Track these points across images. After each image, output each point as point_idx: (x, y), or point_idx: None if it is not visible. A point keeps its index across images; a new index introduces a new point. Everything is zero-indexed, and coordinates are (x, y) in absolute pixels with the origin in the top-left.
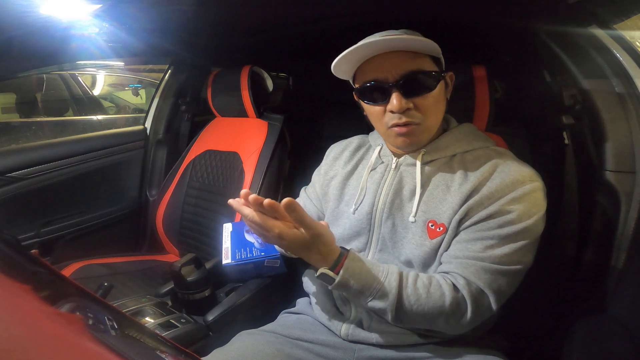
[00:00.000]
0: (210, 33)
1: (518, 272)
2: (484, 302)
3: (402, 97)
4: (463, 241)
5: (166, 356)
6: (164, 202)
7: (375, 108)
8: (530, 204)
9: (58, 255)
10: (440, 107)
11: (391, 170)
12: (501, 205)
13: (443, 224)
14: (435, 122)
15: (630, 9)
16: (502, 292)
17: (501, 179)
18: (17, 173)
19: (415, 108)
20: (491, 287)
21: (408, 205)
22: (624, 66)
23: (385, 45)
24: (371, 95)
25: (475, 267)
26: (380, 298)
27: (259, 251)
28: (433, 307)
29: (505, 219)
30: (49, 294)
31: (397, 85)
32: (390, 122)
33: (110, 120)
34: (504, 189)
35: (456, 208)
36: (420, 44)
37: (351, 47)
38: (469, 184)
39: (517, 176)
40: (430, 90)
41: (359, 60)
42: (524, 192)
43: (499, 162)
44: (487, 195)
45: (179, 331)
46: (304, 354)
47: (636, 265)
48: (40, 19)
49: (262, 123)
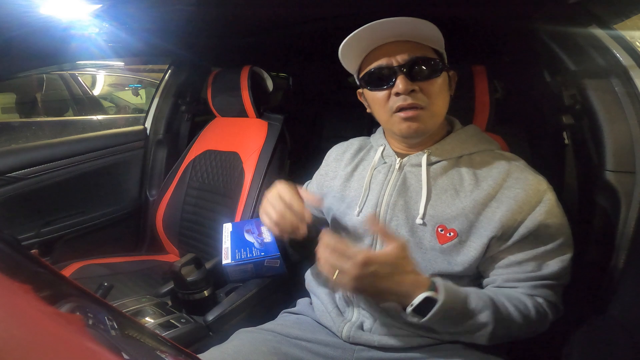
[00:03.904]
0: (210, 33)
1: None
2: (558, 310)
3: (407, 79)
4: (516, 263)
5: (166, 356)
6: (164, 202)
7: (380, 93)
8: (559, 211)
9: (58, 255)
10: (445, 96)
11: (395, 170)
12: (538, 220)
13: (454, 229)
14: (441, 109)
15: (630, 9)
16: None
17: (523, 188)
18: (17, 173)
19: (420, 91)
20: (558, 298)
21: (414, 207)
22: (624, 66)
23: (394, 27)
24: (376, 80)
25: (541, 286)
26: (481, 312)
27: (259, 251)
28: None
29: (547, 234)
30: (49, 294)
31: (403, 68)
32: (395, 105)
33: (110, 120)
34: (530, 200)
35: (470, 216)
36: (427, 28)
37: (364, 26)
38: (482, 190)
39: (537, 185)
40: (436, 76)
41: (365, 48)
42: (551, 203)
43: (511, 168)
44: (517, 209)
45: (179, 331)
46: (302, 353)
47: (636, 265)
48: (40, 19)
49: (262, 123)
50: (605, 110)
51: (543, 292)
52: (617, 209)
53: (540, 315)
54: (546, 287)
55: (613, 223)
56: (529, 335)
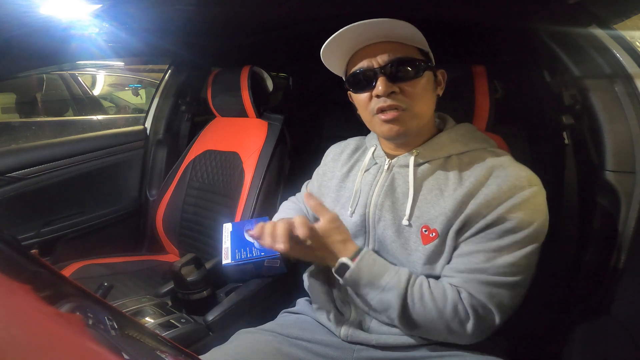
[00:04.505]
0: (210, 33)
1: (520, 282)
2: (488, 316)
3: (387, 81)
4: (464, 254)
5: (166, 356)
6: (164, 202)
7: (362, 96)
8: (530, 210)
9: (58, 255)
10: (429, 97)
11: (384, 171)
12: (500, 213)
13: (435, 230)
14: (424, 110)
15: (630, 9)
16: (505, 306)
17: (497, 184)
18: (17, 173)
19: (401, 92)
20: (493, 301)
21: (401, 208)
22: (624, 66)
23: (372, 29)
24: (358, 82)
25: (477, 280)
26: (389, 291)
27: (259, 251)
28: (434, 309)
29: (505, 227)
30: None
31: (383, 70)
32: (376, 107)
33: (110, 120)
34: (501, 195)
35: (449, 215)
36: (406, 29)
37: (343, 28)
38: (463, 189)
39: (514, 181)
40: (417, 77)
41: (348, 51)
42: (523, 199)
43: (495, 165)
44: (485, 204)
45: (179, 331)
46: (302, 353)
47: (636, 265)
48: (40, 19)
49: (262, 123)
50: (605, 110)
51: (475, 287)
52: (617, 209)
53: (455, 313)
54: (482, 282)
55: (613, 223)
56: (450, 339)
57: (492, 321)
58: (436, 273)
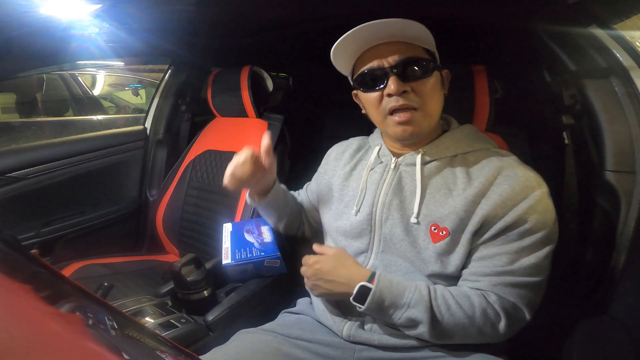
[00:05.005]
0: (211, 33)
1: (543, 281)
2: (519, 315)
3: (399, 80)
4: (487, 257)
5: (166, 356)
6: (164, 202)
7: (373, 95)
8: (545, 210)
9: (58, 255)
10: (438, 96)
11: (390, 170)
12: (518, 214)
13: (445, 228)
14: (435, 109)
15: (630, 9)
16: (533, 303)
17: (510, 184)
18: (17, 173)
19: (412, 92)
20: (524, 301)
21: (409, 207)
22: (624, 66)
23: (383, 28)
24: (368, 82)
25: (505, 282)
26: (415, 307)
27: (259, 251)
28: (463, 317)
29: (524, 228)
30: (49, 294)
31: (394, 69)
32: (388, 106)
33: (110, 120)
34: (515, 196)
35: (461, 214)
36: (416, 29)
37: (353, 29)
38: (473, 188)
39: (525, 182)
40: (427, 76)
41: (357, 50)
42: (537, 199)
43: (504, 165)
44: (500, 204)
45: (179, 331)
46: (303, 353)
47: (636, 265)
48: (40, 19)
49: (262, 123)
50: (605, 110)
51: (504, 290)
52: (617, 209)
53: (486, 317)
54: (511, 284)
55: (613, 223)
56: (482, 340)
57: (523, 319)
58: (447, 272)
